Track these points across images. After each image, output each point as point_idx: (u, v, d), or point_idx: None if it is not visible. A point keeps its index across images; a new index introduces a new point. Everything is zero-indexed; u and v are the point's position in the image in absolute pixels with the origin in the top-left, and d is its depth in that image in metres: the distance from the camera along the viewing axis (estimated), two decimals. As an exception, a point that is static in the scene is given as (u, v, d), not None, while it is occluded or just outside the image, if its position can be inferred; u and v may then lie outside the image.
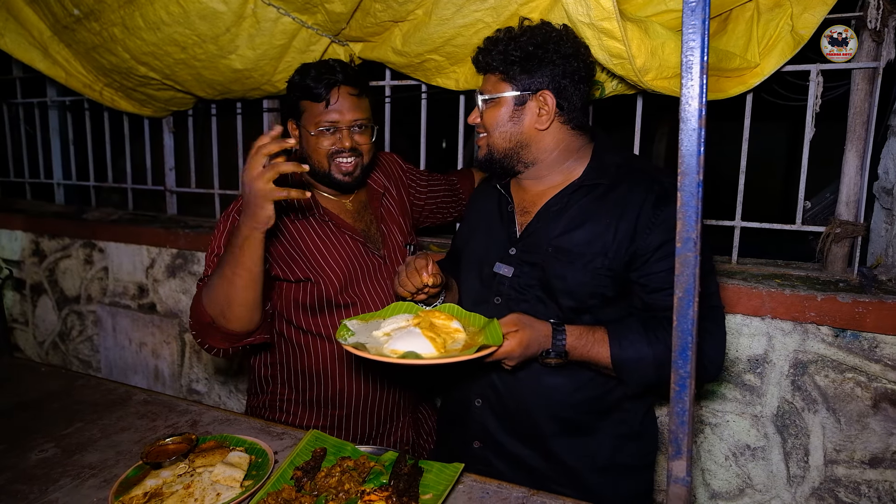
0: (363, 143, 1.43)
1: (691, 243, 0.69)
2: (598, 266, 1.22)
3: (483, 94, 1.28)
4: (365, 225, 1.54)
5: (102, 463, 1.19)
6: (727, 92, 1.61)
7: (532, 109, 1.24)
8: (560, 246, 1.25)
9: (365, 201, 1.57)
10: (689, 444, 0.75)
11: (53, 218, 2.97)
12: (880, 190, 1.76)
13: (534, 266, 1.28)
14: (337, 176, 1.42)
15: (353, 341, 1.12)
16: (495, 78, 1.26)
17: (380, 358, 1.03)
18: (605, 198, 1.24)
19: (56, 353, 3.10)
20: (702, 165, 0.67)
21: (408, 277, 1.24)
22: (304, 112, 1.42)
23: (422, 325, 1.13)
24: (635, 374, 1.19)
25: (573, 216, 1.26)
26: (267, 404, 1.55)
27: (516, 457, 1.32)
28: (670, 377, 0.73)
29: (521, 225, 1.33)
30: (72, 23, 1.98)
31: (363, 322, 1.21)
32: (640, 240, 1.19)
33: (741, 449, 1.71)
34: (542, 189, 1.32)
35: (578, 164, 1.29)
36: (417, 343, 1.07)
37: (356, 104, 1.41)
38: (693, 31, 0.66)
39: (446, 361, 1.03)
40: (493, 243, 1.36)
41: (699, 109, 0.67)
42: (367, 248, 1.49)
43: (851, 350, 1.56)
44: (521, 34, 1.24)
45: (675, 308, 0.71)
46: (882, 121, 1.72)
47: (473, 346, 1.07)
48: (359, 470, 1.10)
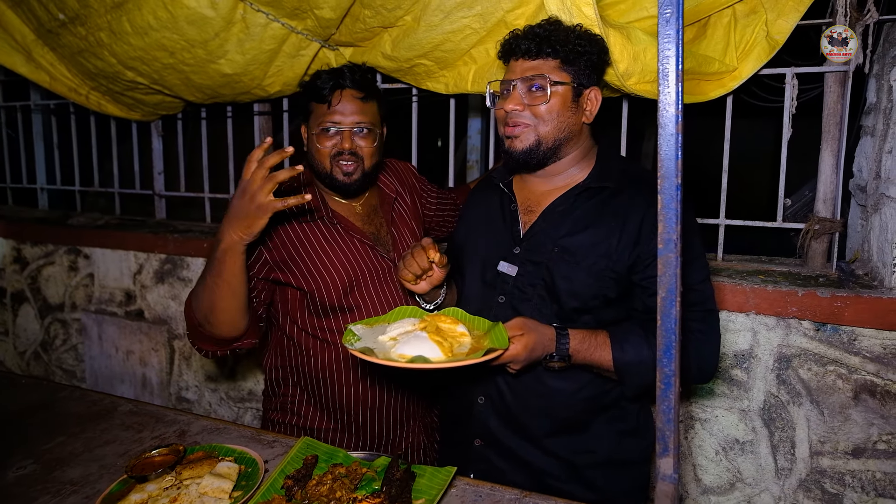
0: (364, 147, 1.43)
1: (672, 244, 0.71)
2: (602, 268, 1.24)
3: (537, 78, 1.21)
4: (375, 228, 1.53)
5: (85, 478, 1.15)
6: (707, 95, 1.66)
7: (583, 103, 1.26)
8: (565, 247, 1.26)
9: (376, 205, 1.57)
10: (676, 442, 0.76)
11: (36, 224, 2.91)
12: (855, 187, 1.82)
13: (538, 265, 1.29)
14: (338, 177, 1.42)
15: (360, 346, 1.11)
16: (552, 64, 1.22)
17: (388, 363, 1.03)
18: (610, 202, 1.27)
19: (38, 364, 3.03)
20: (680, 169, 0.70)
21: (414, 257, 1.23)
22: (311, 113, 1.44)
23: (428, 328, 1.14)
24: (636, 377, 1.21)
25: (578, 218, 1.27)
26: (279, 406, 1.55)
27: (516, 454, 1.33)
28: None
29: (524, 224, 1.34)
30: (56, 27, 1.96)
31: (368, 327, 1.21)
32: (643, 244, 1.22)
33: (730, 443, 1.75)
34: (547, 189, 1.33)
35: (585, 166, 1.32)
36: (425, 347, 1.07)
37: (360, 108, 1.42)
38: (668, 41, 0.68)
39: (454, 365, 1.03)
40: (497, 242, 1.36)
41: (676, 115, 0.69)
42: (376, 251, 1.49)
43: (832, 343, 1.61)
44: (569, 28, 1.24)
45: (658, 308, 0.72)
46: (855, 121, 1.79)
47: (480, 350, 1.08)
48: (350, 477, 1.09)
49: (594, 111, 1.27)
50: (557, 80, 1.22)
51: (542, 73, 1.22)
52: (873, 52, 1.64)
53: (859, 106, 1.81)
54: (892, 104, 1.60)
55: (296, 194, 1.18)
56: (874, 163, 1.68)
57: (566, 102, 1.23)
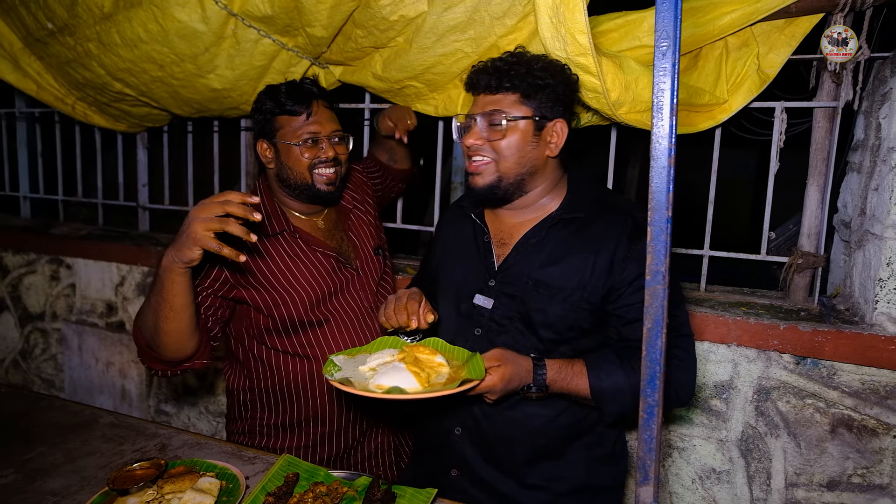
0: (342, 153, 1.48)
1: (660, 276, 0.72)
2: (576, 300, 1.24)
3: (495, 113, 1.20)
4: (337, 242, 1.55)
5: (66, 489, 1.15)
6: (697, 126, 1.68)
7: (546, 136, 1.24)
8: (540, 279, 1.26)
9: (336, 219, 1.59)
10: (657, 471, 0.76)
11: (18, 232, 2.87)
12: (839, 223, 1.84)
13: (514, 298, 1.29)
14: (320, 187, 1.44)
15: (340, 376, 1.14)
16: (512, 98, 1.21)
17: (365, 393, 1.05)
18: (583, 231, 1.27)
19: (17, 372, 2.98)
20: (671, 202, 0.70)
21: (394, 312, 1.24)
22: (280, 128, 1.43)
23: (406, 359, 1.15)
24: (614, 404, 1.21)
25: (552, 249, 1.27)
26: (246, 430, 1.53)
27: (492, 486, 1.33)
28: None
29: (498, 256, 1.34)
30: (45, 36, 1.94)
31: (350, 357, 1.22)
32: (616, 273, 1.22)
33: (707, 472, 1.75)
34: (518, 221, 1.33)
35: (556, 196, 1.31)
36: (402, 378, 1.09)
37: (332, 116, 1.48)
38: (664, 74, 0.69)
39: (429, 396, 1.05)
40: (471, 274, 1.36)
41: (669, 149, 0.70)
42: (340, 263, 1.50)
43: (811, 377, 1.62)
44: (532, 60, 1.23)
45: (644, 338, 0.73)
46: (842, 156, 1.81)
47: (456, 380, 1.09)
48: (332, 496, 1.09)
49: (560, 144, 1.25)
50: (516, 116, 1.20)
51: (500, 108, 1.21)
52: (863, 89, 1.66)
53: (846, 142, 1.83)
54: (879, 141, 1.62)
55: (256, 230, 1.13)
56: (860, 199, 1.70)
57: (527, 137, 1.22)
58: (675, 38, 0.68)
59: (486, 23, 1.51)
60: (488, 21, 1.51)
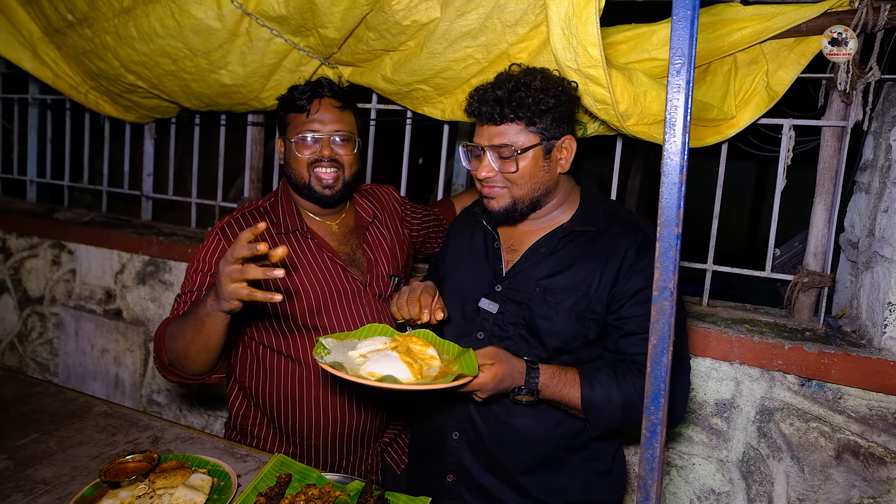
0: (344, 155, 1.42)
1: (668, 292, 0.71)
2: (582, 309, 1.24)
3: (503, 147, 1.20)
4: (350, 249, 1.51)
5: (58, 479, 1.14)
6: (704, 141, 1.67)
7: (556, 155, 1.25)
8: (547, 287, 1.27)
9: (352, 227, 1.56)
10: (658, 491, 0.75)
11: (23, 216, 2.88)
12: (846, 242, 1.82)
13: (519, 305, 1.29)
14: (316, 188, 1.41)
15: (330, 360, 1.10)
16: (517, 128, 1.20)
17: (357, 379, 1.02)
18: (592, 244, 1.27)
19: (13, 354, 2.98)
20: (681, 219, 0.69)
21: (406, 303, 1.25)
22: (288, 125, 1.44)
23: (399, 349, 1.13)
24: (603, 416, 1.20)
25: (560, 259, 1.28)
26: (238, 427, 1.53)
27: (489, 492, 1.32)
28: (637, 421, 0.74)
29: (507, 263, 1.35)
30: (64, 27, 1.97)
31: (339, 341, 1.20)
32: (619, 284, 1.22)
33: (706, 493, 1.71)
34: (530, 229, 1.34)
35: (568, 208, 1.33)
36: (395, 367, 1.07)
37: (338, 116, 1.42)
38: (677, 91, 0.68)
39: (423, 388, 1.03)
40: (478, 279, 1.37)
41: (680, 165, 0.69)
42: (348, 271, 1.47)
43: (816, 400, 1.58)
44: (530, 80, 1.20)
45: (649, 355, 0.72)
46: (850, 176, 1.79)
47: (449, 375, 1.07)
48: (324, 499, 1.07)
49: (570, 158, 1.26)
50: (525, 146, 1.20)
51: (508, 141, 1.20)
52: (872, 109, 1.65)
53: (854, 161, 1.81)
54: (889, 163, 1.60)
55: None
56: (868, 220, 1.68)
57: (538, 163, 1.23)
58: (689, 55, 0.67)
59: (498, 30, 1.52)
60: (500, 29, 1.51)
